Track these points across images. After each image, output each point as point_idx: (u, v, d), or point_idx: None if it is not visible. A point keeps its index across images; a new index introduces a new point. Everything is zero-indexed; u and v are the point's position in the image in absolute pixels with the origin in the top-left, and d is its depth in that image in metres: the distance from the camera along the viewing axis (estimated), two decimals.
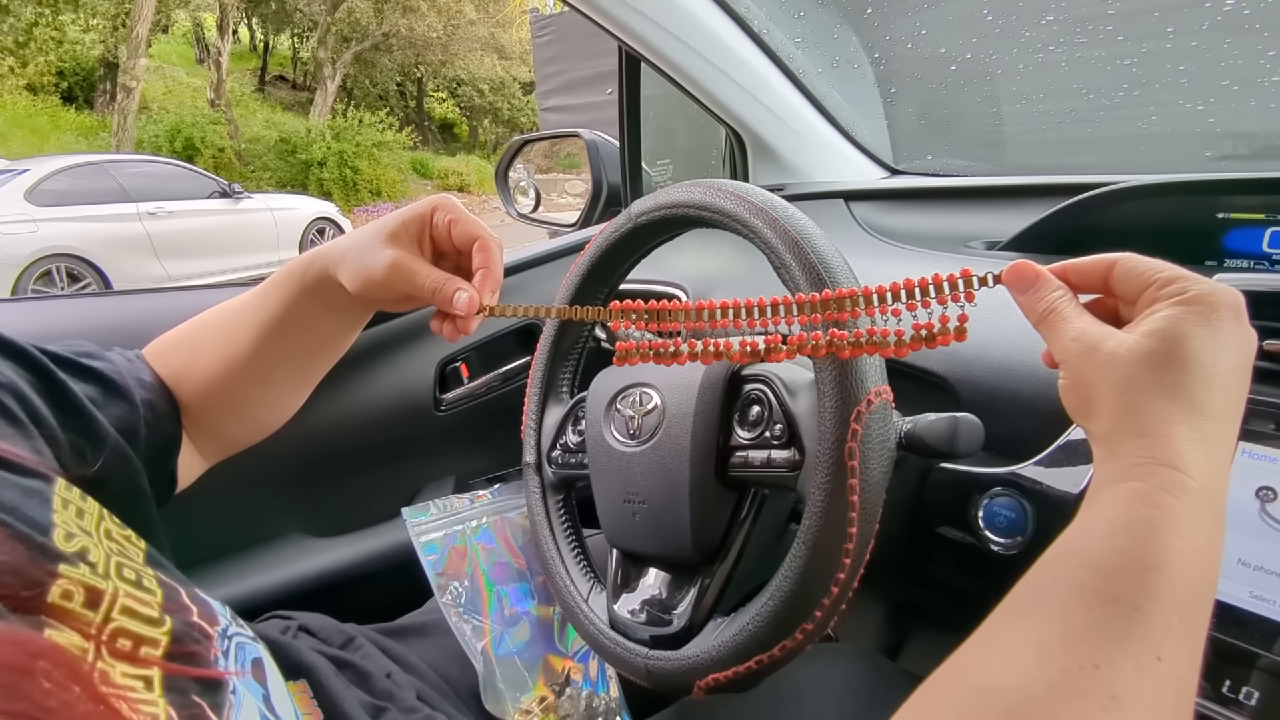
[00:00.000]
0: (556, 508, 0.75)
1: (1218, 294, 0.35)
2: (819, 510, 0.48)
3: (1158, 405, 0.33)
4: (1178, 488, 0.32)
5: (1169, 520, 0.31)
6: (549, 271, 1.08)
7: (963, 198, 0.99)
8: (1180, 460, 0.32)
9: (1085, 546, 0.32)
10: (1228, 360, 0.34)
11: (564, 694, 0.69)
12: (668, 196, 0.65)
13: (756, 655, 0.52)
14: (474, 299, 0.51)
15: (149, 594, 0.36)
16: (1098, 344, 0.36)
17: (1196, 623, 0.30)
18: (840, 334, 0.41)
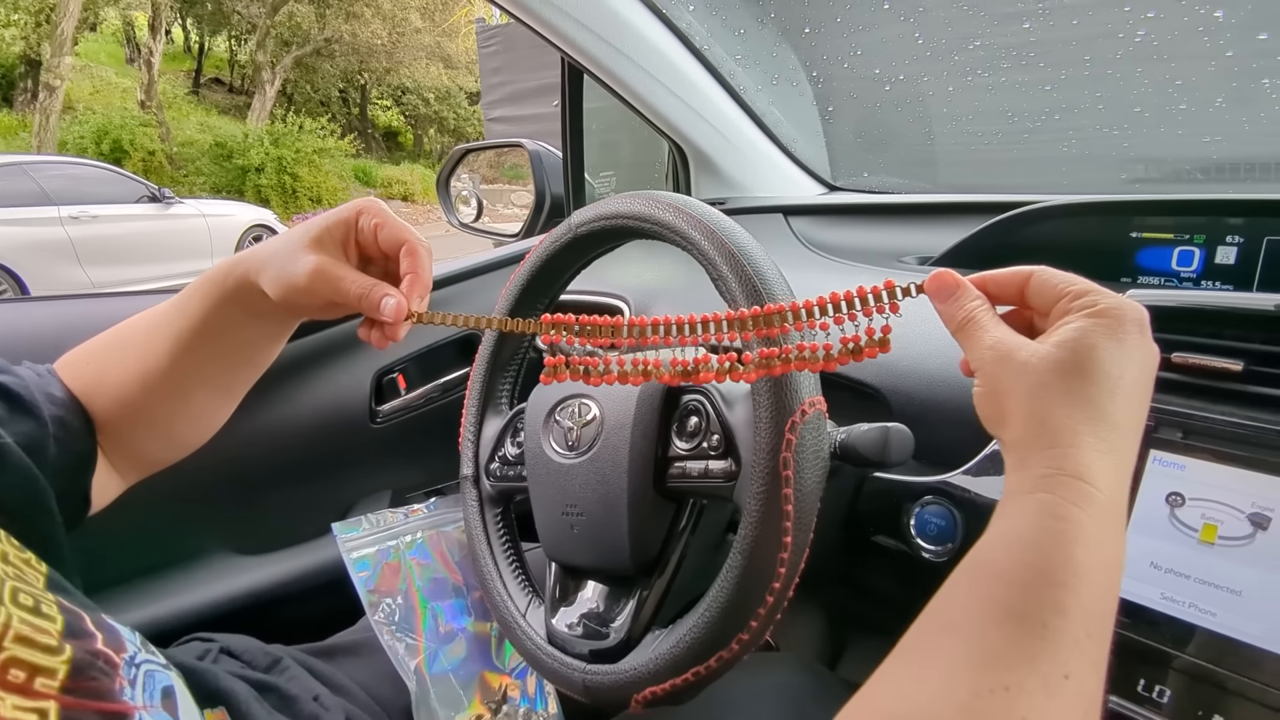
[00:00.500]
0: (494, 521, 0.73)
1: (1125, 308, 0.36)
2: (754, 520, 0.49)
3: (1066, 414, 0.34)
4: (1085, 500, 0.32)
5: (1076, 533, 0.32)
6: (490, 281, 1.07)
7: (896, 214, 1.02)
8: (1088, 472, 0.33)
9: (996, 559, 0.33)
10: (1132, 372, 0.35)
11: (500, 712, 0.68)
12: (608, 207, 0.65)
13: (693, 667, 0.52)
14: (401, 305, 0.50)
15: (48, 621, 0.34)
16: (1011, 353, 0.37)
17: (1102, 637, 0.31)
18: (770, 351, 0.42)
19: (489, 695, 0.69)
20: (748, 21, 1.08)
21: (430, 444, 1.00)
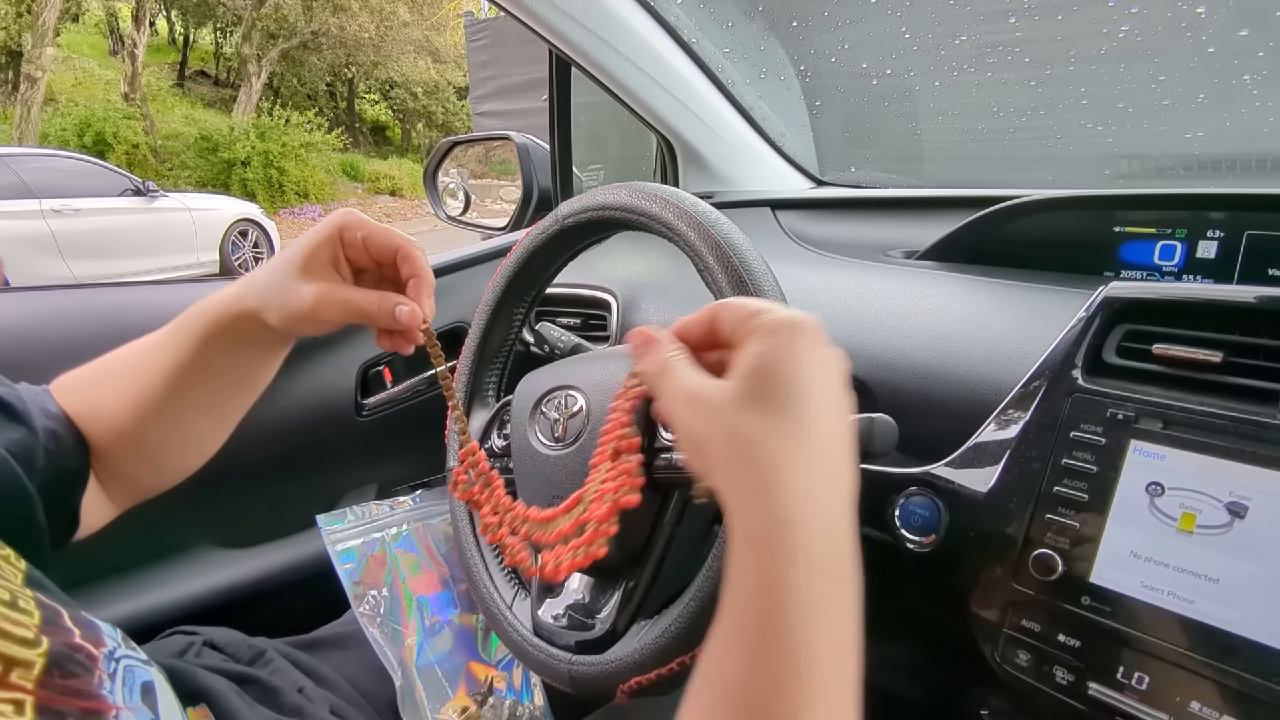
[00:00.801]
0: None
1: (794, 321, 0.36)
2: None
3: (763, 446, 0.33)
4: (799, 556, 0.32)
5: (794, 599, 0.31)
6: (477, 274, 1.06)
7: (883, 209, 1.03)
8: (795, 515, 0.32)
9: (725, 655, 0.33)
10: (819, 381, 0.35)
11: (486, 703, 0.68)
12: (595, 199, 0.65)
13: (679, 656, 0.52)
14: (415, 311, 0.51)
15: (25, 615, 0.34)
16: (700, 396, 0.36)
17: (842, 686, 0.32)
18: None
19: (475, 687, 0.69)
20: (735, 15, 1.08)
21: (416, 437, 1.00)
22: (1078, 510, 0.53)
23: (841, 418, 0.36)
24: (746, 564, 0.33)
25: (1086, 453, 0.54)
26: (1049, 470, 0.55)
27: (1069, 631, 0.52)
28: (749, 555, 0.33)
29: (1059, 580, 0.52)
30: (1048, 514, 0.54)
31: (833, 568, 0.34)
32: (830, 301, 0.80)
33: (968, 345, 0.68)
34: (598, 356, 0.68)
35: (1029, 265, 0.83)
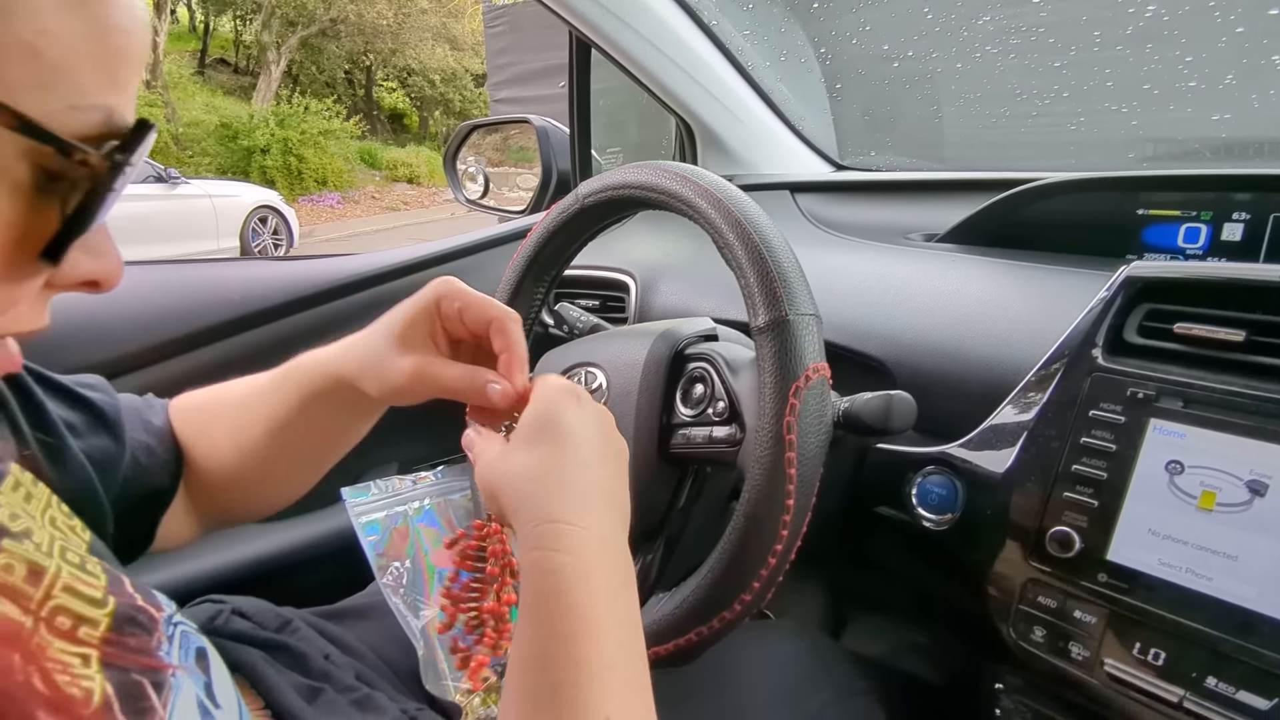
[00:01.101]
0: None
1: (554, 382, 0.46)
2: (757, 483, 0.49)
3: (529, 469, 0.41)
4: (569, 541, 0.37)
5: (570, 580, 0.36)
6: (497, 255, 1.07)
7: (903, 192, 1.02)
8: (559, 513, 0.38)
9: (519, 649, 0.36)
10: (575, 422, 0.43)
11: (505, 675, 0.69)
12: (615, 178, 0.66)
13: (696, 628, 0.53)
14: (507, 390, 0.48)
15: (92, 577, 0.37)
16: (491, 457, 0.43)
17: (631, 654, 0.36)
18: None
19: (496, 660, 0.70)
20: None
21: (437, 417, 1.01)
22: (1096, 488, 0.53)
23: (602, 447, 0.43)
24: (528, 561, 0.38)
25: (1106, 431, 0.54)
26: (1067, 449, 0.55)
27: (1085, 608, 0.52)
28: (529, 554, 0.38)
29: (1076, 558, 0.52)
30: (1065, 492, 0.54)
31: (602, 554, 0.39)
32: (849, 283, 0.80)
33: (987, 326, 0.68)
34: (617, 334, 0.68)
35: (1050, 249, 0.82)
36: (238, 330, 0.86)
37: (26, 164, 0.26)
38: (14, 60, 0.24)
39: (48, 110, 0.25)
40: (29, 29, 0.25)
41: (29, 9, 0.25)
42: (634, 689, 0.36)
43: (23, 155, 0.25)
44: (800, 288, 0.53)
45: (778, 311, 0.51)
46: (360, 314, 0.96)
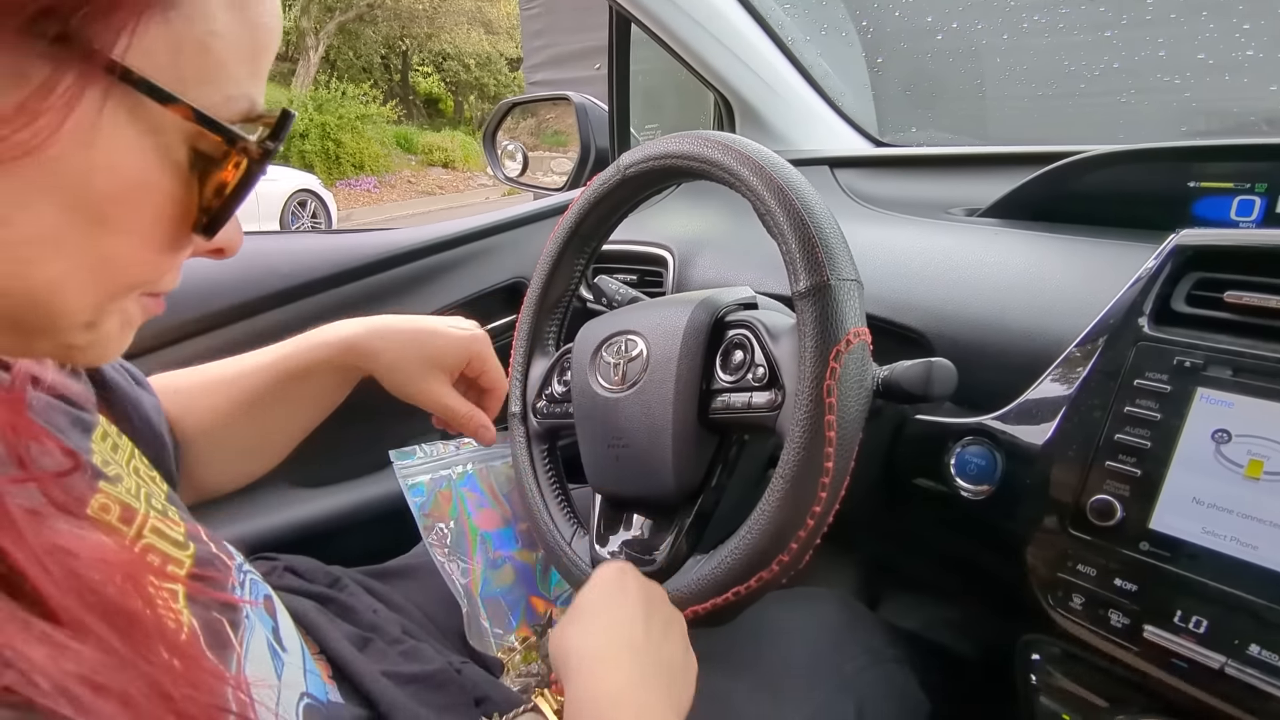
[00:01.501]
0: (541, 456, 0.76)
1: (607, 569, 0.56)
2: (797, 445, 0.50)
3: (573, 642, 0.49)
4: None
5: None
6: (535, 230, 1.08)
7: (944, 166, 1.01)
8: (605, 692, 0.45)
9: None
10: (616, 605, 0.52)
11: (545, 635, 0.71)
12: (656, 148, 0.66)
13: (734, 587, 0.54)
14: (494, 436, 0.71)
15: (174, 523, 0.39)
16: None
17: None
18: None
19: (535, 619, 0.72)
20: None
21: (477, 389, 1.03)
22: (1139, 458, 0.52)
23: (644, 635, 0.49)
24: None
25: (1150, 400, 0.53)
26: (1110, 418, 0.55)
27: (1126, 576, 0.52)
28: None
29: (1117, 526, 0.52)
30: (1108, 461, 0.54)
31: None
32: (887, 255, 0.80)
33: (1029, 297, 0.68)
34: (657, 303, 0.69)
35: (1097, 222, 0.81)
36: (285, 301, 0.89)
37: (186, 149, 0.28)
38: (189, 58, 0.26)
39: (210, 102, 0.28)
40: (203, 30, 0.27)
41: (205, 13, 0.27)
42: None
43: (184, 141, 0.28)
44: (842, 253, 0.53)
45: (819, 276, 0.52)
46: (403, 287, 0.98)
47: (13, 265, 0.25)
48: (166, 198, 0.28)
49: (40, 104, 0.22)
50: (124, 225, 0.27)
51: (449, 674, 0.56)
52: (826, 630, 0.66)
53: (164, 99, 0.26)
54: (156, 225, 0.29)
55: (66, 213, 0.25)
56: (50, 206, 0.25)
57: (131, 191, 0.27)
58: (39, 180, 0.24)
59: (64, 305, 0.27)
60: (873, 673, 0.63)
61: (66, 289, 0.27)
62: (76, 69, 0.23)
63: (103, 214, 0.26)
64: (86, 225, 0.26)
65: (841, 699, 0.59)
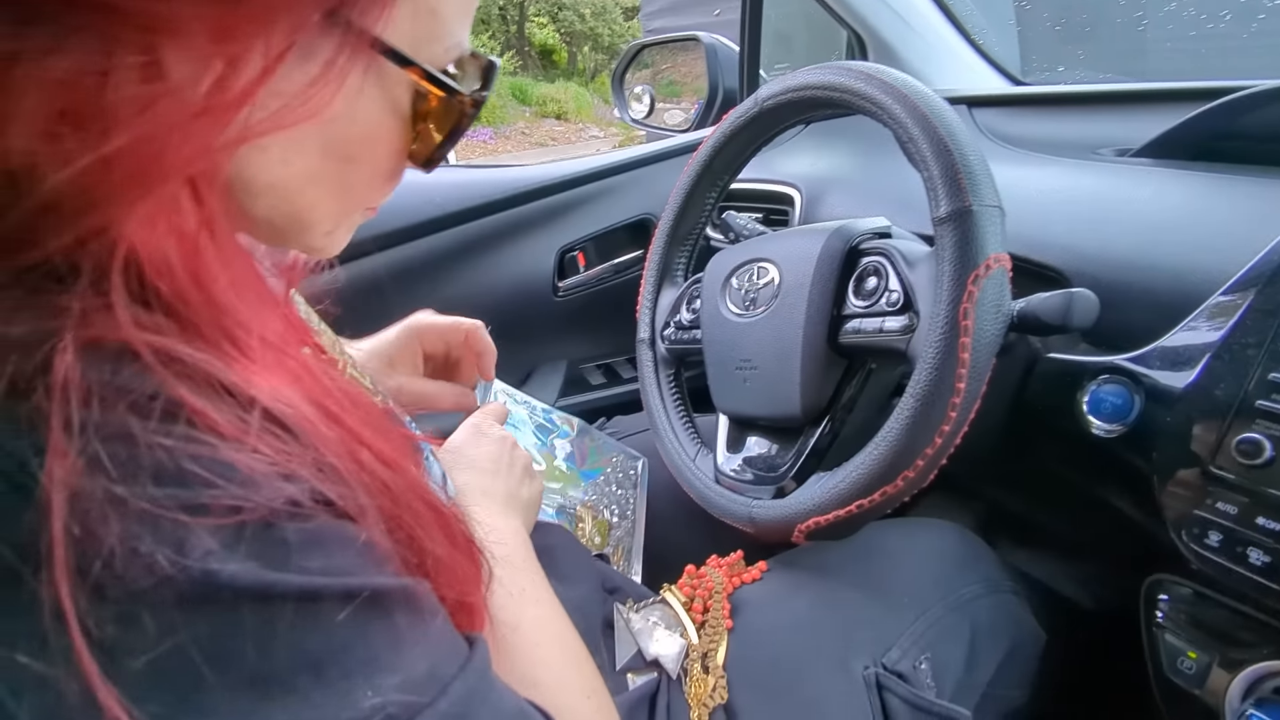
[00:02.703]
0: (667, 380, 0.80)
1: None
2: (930, 365, 0.52)
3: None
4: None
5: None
6: (662, 170, 1.11)
7: (1094, 104, 0.96)
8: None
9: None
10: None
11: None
12: (795, 80, 0.67)
13: (858, 500, 0.56)
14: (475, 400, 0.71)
15: (360, 375, 0.47)
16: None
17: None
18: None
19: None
20: None
21: (606, 318, 1.08)
22: None
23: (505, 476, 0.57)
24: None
25: None
26: (1264, 356, 0.53)
27: (1271, 514, 0.51)
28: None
29: (1265, 465, 0.51)
30: (1259, 401, 0.52)
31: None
32: (1027, 194, 0.78)
33: (1180, 236, 0.65)
34: (789, 233, 0.71)
35: (1262, 162, 0.76)
36: (440, 228, 0.96)
37: (409, 97, 0.33)
38: (423, 23, 0.30)
39: (434, 55, 0.32)
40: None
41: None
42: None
43: (408, 91, 0.32)
44: (985, 180, 0.53)
45: (961, 201, 0.52)
46: (541, 219, 1.04)
47: (286, 195, 0.30)
48: (400, 138, 0.33)
49: (324, 78, 0.27)
50: (365, 162, 0.33)
51: (591, 559, 0.62)
52: (943, 557, 0.67)
53: (404, 63, 0.30)
54: (387, 161, 0.34)
55: (326, 155, 0.30)
56: (316, 152, 0.30)
57: (373, 137, 0.32)
58: (312, 133, 0.29)
59: (315, 221, 0.33)
60: (989, 600, 0.65)
61: (318, 209, 0.33)
62: (350, 47, 0.27)
63: (351, 155, 0.31)
64: (339, 163, 0.31)
65: (955, 618, 0.61)
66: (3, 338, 0.20)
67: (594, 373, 1.13)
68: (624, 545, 0.75)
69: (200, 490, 0.21)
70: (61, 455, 0.19)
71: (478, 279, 1.01)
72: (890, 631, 0.59)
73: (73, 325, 0.21)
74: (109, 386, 0.21)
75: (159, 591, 0.20)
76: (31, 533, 0.19)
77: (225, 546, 0.21)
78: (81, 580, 0.19)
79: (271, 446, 0.24)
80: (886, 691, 0.54)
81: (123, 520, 0.20)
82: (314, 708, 0.22)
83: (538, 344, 1.09)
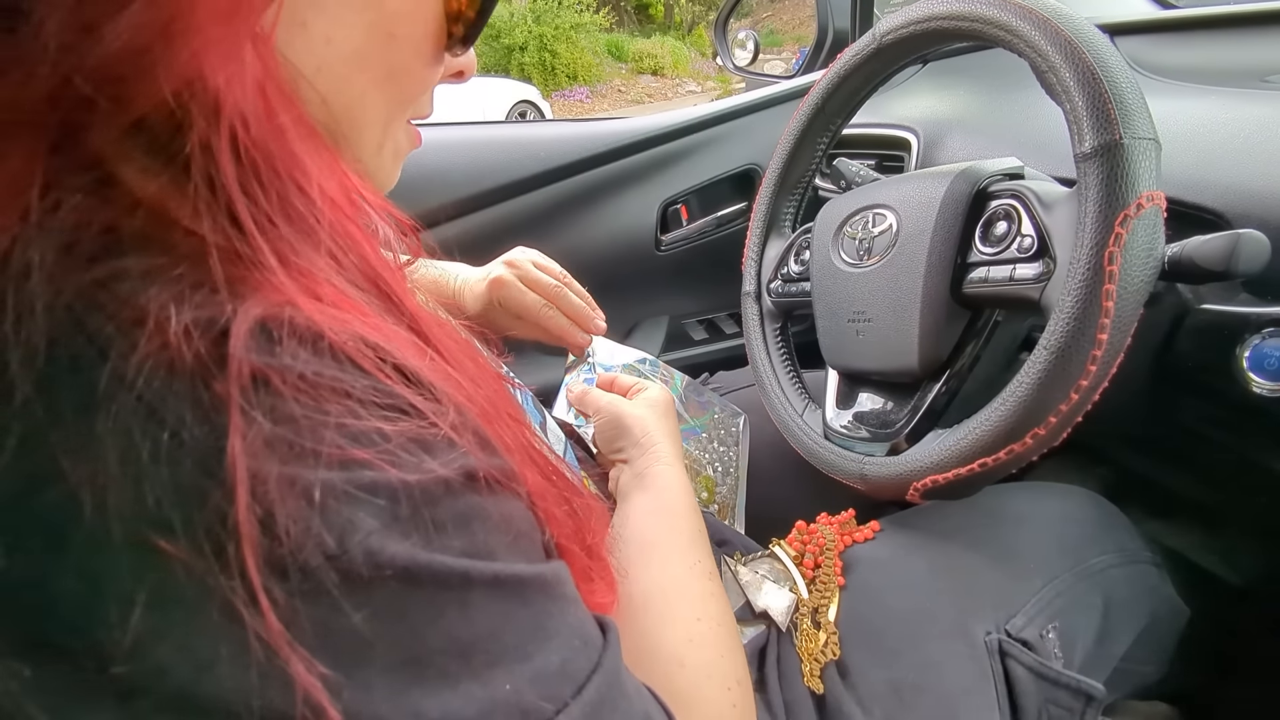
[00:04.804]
0: (774, 334, 0.78)
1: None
2: (1068, 314, 0.48)
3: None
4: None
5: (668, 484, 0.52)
6: (769, 117, 1.07)
7: (1260, 24, 0.85)
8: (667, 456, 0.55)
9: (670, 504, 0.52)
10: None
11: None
12: (919, 10, 0.63)
13: (980, 458, 0.53)
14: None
15: None
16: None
17: (701, 533, 0.50)
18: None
19: None
20: None
21: (708, 273, 1.07)
22: None
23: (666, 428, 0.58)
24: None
25: None
26: None
27: None
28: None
29: None
30: None
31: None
32: (1181, 129, 0.70)
33: None
34: (909, 176, 0.67)
35: None
36: (545, 183, 0.97)
37: None
38: None
39: None
40: None
41: None
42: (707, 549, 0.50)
43: None
44: (1139, 110, 0.48)
45: (1110, 135, 0.47)
46: (644, 171, 1.03)
47: (334, 81, 0.30)
48: (437, 12, 0.33)
49: None
50: (407, 38, 0.32)
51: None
52: (1073, 523, 0.63)
53: None
54: (427, 35, 0.33)
55: (369, 31, 0.30)
56: (359, 27, 0.30)
57: (414, 8, 0.32)
58: (351, 6, 0.29)
59: (365, 117, 0.33)
60: (1124, 570, 0.61)
61: (367, 100, 0.32)
62: None
63: (393, 30, 0.31)
64: (382, 40, 0.31)
65: (1086, 586, 0.58)
66: (183, 320, 0.21)
67: (696, 328, 1.12)
68: (728, 503, 0.75)
69: (360, 471, 0.22)
70: (241, 438, 0.20)
71: (580, 234, 1.01)
72: (1015, 598, 0.56)
73: (238, 296, 0.22)
74: (273, 368, 0.21)
75: (327, 570, 0.21)
76: (220, 512, 0.20)
77: (385, 526, 0.22)
78: (264, 557, 0.20)
79: (421, 420, 0.24)
80: (1010, 659, 0.52)
81: (295, 500, 0.20)
82: (460, 695, 0.22)
83: (640, 299, 1.08)
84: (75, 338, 0.21)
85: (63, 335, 0.20)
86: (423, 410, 0.24)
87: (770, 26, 1.43)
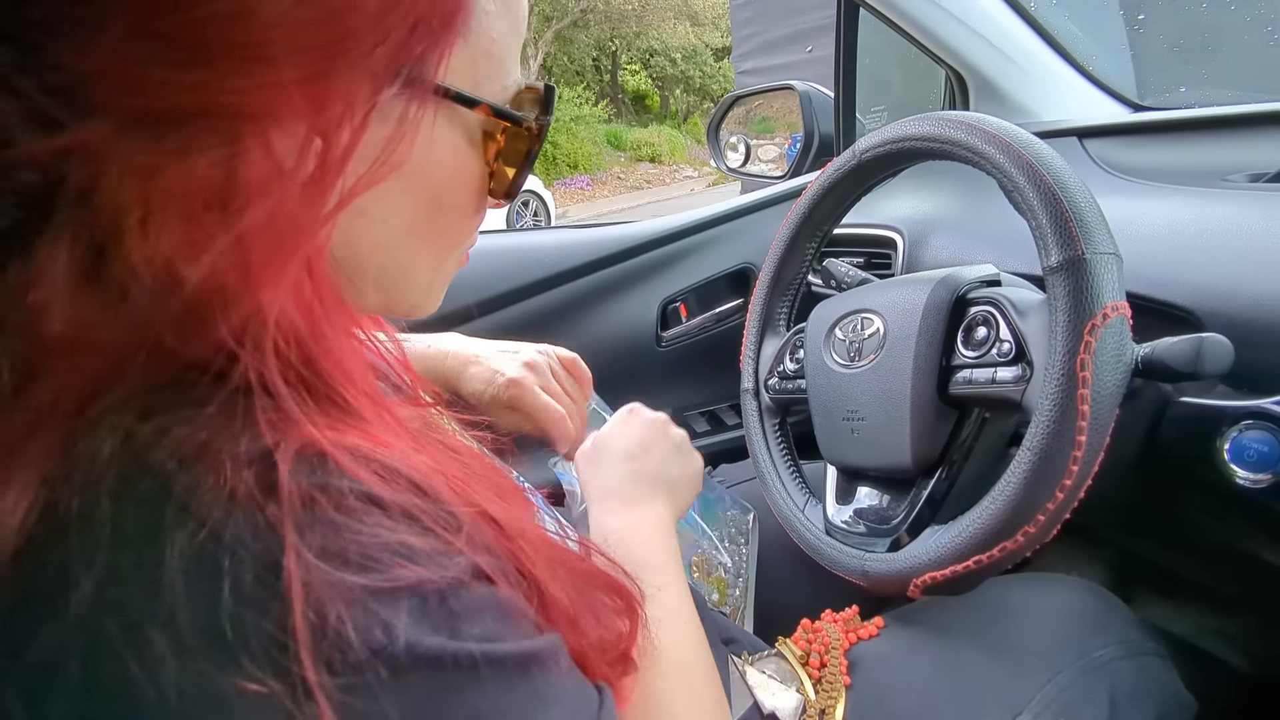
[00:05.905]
0: (773, 430, 0.81)
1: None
2: (1047, 418, 0.50)
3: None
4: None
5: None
6: (762, 219, 1.13)
7: (1223, 128, 0.91)
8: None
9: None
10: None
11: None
12: (894, 131, 0.68)
13: (976, 555, 0.55)
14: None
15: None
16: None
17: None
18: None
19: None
20: None
21: (707, 368, 1.10)
22: None
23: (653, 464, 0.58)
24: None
25: None
26: None
27: None
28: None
29: None
30: None
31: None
32: (1150, 229, 0.74)
33: None
34: (894, 282, 0.71)
35: None
36: (547, 288, 1.01)
37: (479, 135, 0.36)
38: (480, 64, 0.34)
39: (494, 92, 0.35)
40: (487, 40, 0.34)
41: (487, 26, 0.34)
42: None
43: (483, 129, 0.36)
44: (1098, 226, 0.52)
45: (1072, 250, 0.51)
46: (643, 273, 1.08)
47: (390, 249, 0.34)
48: (478, 176, 0.36)
49: (399, 132, 0.29)
50: (454, 204, 0.36)
51: (705, 609, 0.63)
52: (1075, 615, 0.64)
53: (469, 104, 0.33)
54: (472, 198, 0.37)
55: (418, 204, 0.33)
56: (409, 203, 0.33)
57: (456, 177, 0.35)
58: (400, 187, 0.31)
59: (418, 270, 0.36)
60: (1128, 663, 0.61)
61: (419, 258, 0.36)
62: (418, 99, 0.30)
63: (440, 200, 0.35)
64: (430, 210, 0.34)
65: (1090, 681, 0.58)
66: (235, 456, 0.24)
67: (698, 420, 1.15)
68: (739, 605, 0.75)
69: (394, 573, 0.24)
70: (295, 553, 0.23)
71: (583, 333, 1.05)
72: (1019, 695, 0.56)
73: (278, 435, 0.25)
74: (317, 488, 0.24)
75: (372, 664, 0.23)
76: (280, 620, 0.22)
77: (417, 622, 0.24)
78: (318, 657, 0.22)
79: (439, 525, 0.27)
80: None
81: (342, 604, 0.23)
82: None
83: (642, 393, 1.10)
84: (141, 475, 0.24)
85: (131, 473, 0.24)
86: (442, 522, 0.27)
87: (762, 115, 1.52)
